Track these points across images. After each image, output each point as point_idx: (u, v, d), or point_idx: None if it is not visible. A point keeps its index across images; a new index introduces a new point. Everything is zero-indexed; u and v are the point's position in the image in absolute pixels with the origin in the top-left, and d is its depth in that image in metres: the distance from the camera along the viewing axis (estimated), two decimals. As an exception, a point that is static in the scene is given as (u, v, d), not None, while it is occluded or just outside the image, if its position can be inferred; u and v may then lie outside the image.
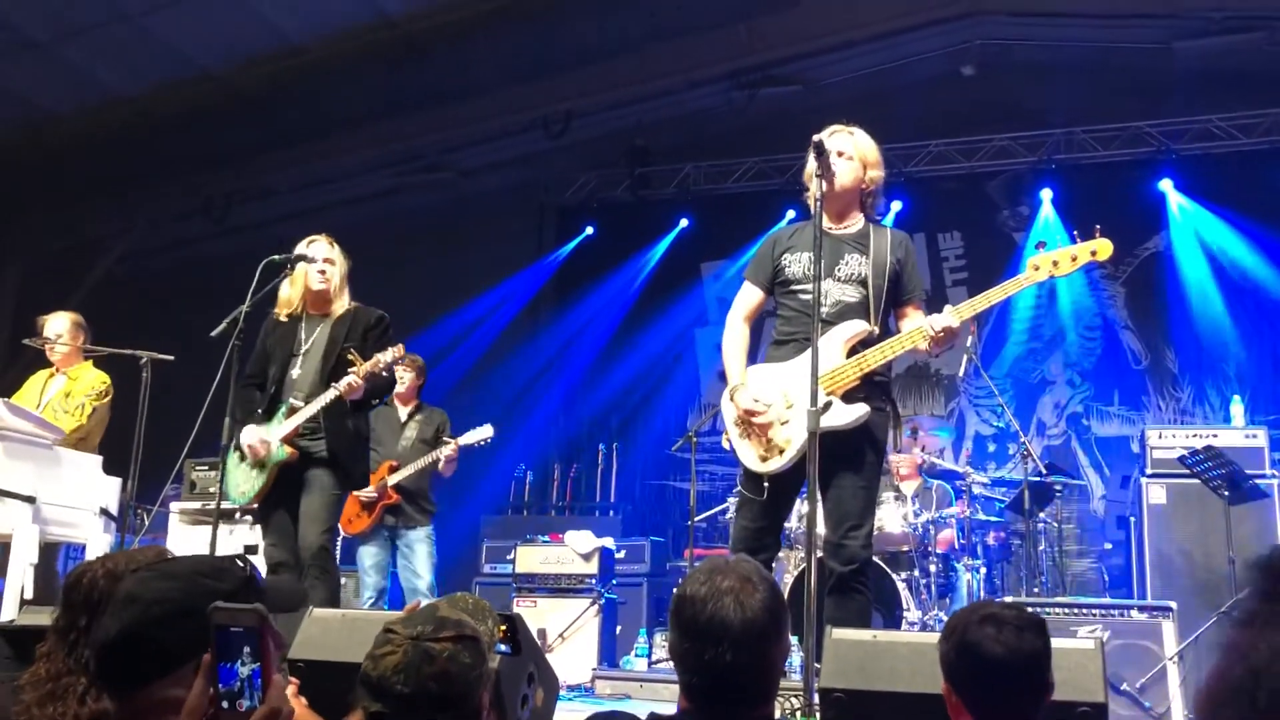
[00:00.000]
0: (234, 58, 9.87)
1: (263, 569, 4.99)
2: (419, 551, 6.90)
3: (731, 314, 4.54)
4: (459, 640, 2.04)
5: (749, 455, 4.28)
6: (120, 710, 1.81)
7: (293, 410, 4.95)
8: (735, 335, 4.48)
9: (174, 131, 10.48)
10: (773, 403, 4.23)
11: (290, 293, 5.14)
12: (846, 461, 4.16)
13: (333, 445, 4.97)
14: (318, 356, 5.05)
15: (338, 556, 7.05)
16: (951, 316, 4.13)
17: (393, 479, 6.82)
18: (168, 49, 9.60)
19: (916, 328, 4.18)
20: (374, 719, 2.02)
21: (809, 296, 4.07)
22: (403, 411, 7.15)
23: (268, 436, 4.97)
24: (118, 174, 10.97)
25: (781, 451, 4.17)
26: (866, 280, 4.27)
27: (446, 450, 6.88)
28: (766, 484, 4.20)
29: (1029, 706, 2.35)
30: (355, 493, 6.71)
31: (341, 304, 5.16)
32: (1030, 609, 2.51)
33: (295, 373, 5.06)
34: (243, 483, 5.04)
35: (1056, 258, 4.13)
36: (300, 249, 5.11)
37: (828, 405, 4.07)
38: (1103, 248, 4.11)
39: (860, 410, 4.14)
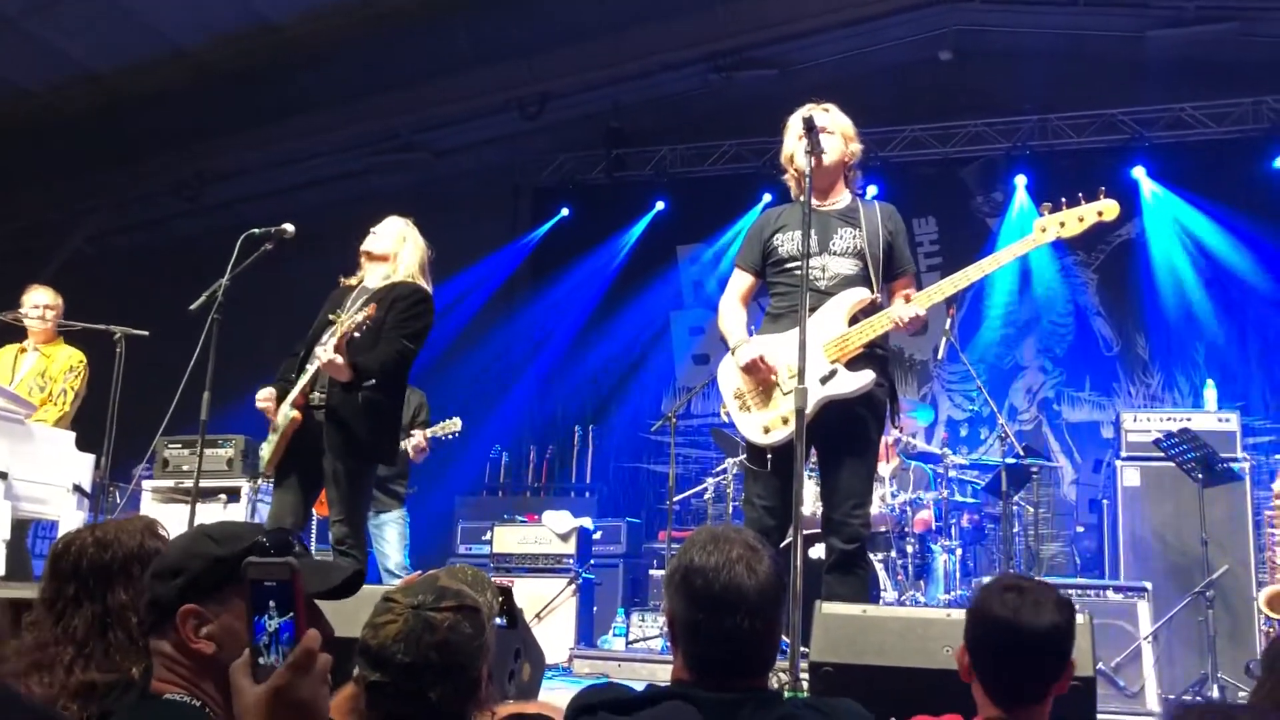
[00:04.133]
0: (207, 35, 9.74)
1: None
2: (389, 534, 6.81)
3: (725, 298, 4.44)
4: (460, 610, 2.03)
5: (751, 428, 4.19)
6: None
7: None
8: (732, 309, 4.39)
9: (145, 109, 10.34)
10: (777, 369, 4.14)
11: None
12: (850, 437, 4.11)
13: (332, 411, 4.68)
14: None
15: (312, 536, 7.03)
16: (917, 306, 4.09)
17: None
18: (140, 25, 9.45)
19: (883, 313, 4.12)
20: (373, 689, 2.00)
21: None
22: (380, 392, 7.04)
23: (284, 401, 4.83)
24: (87, 151, 10.81)
25: (785, 422, 4.02)
26: (863, 252, 4.23)
27: (414, 441, 6.83)
28: (770, 456, 4.10)
29: (1043, 682, 2.31)
30: None
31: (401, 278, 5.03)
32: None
33: (325, 337, 4.82)
34: (265, 450, 4.92)
35: (1064, 219, 4.08)
36: (368, 244, 5.11)
37: (833, 373, 4.04)
38: (1109, 209, 4.05)
39: (866, 378, 4.07)
